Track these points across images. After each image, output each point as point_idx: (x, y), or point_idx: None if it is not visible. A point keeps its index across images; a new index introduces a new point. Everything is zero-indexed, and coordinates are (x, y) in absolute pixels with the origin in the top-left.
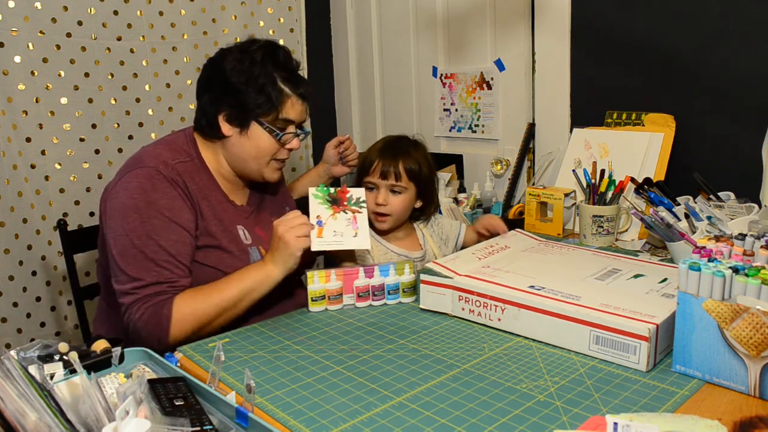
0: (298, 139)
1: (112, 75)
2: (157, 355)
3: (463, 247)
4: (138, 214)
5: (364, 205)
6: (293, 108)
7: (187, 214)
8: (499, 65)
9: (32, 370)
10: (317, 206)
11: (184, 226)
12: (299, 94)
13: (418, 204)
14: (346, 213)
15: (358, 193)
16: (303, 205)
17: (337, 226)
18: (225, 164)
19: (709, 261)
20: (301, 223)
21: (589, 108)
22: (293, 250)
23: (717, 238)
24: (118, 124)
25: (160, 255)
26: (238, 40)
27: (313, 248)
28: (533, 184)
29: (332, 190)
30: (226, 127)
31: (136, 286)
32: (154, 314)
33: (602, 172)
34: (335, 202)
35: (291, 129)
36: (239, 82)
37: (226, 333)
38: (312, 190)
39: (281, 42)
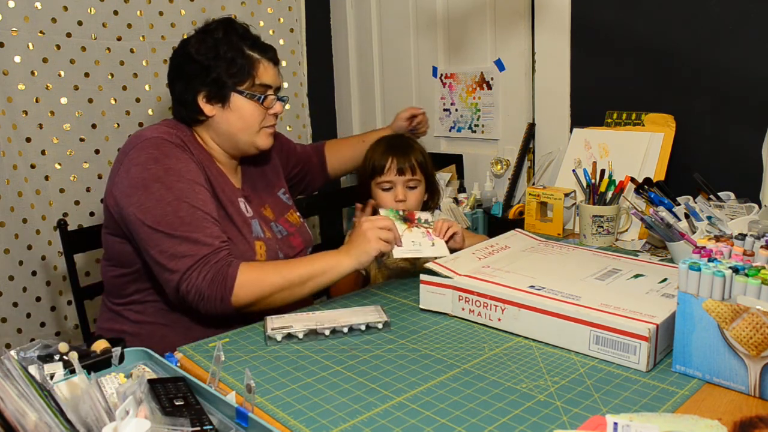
0: (281, 103)
1: (112, 75)
2: (157, 355)
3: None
4: (160, 183)
5: (432, 225)
6: (266, 72)
7: (202, 175)
8: (499, 65)
9: (32, 370)
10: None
11: (204, 186)
12: (269, 58)
13: (424, 197)
14: (419, 228)
15: (425, 216)
16: (314, 207)
17: (414, 237)
18: (215, 147)
19: (709, 261)
20: (387, 227)
21: (589, 108)
22: (371, 248)
23: (717, 238)
24: (118, 124)
25: (197, 215)
26: None
27: (395, 255)
28: (533, 184)
29: (401, 212)
30: (207, 108)
31: (189, 250)
32: (220, 272)
33: (602, 172)
34: (407, 221)
35: (271, 93)
36: (208, 59)
37: (226, 333)
38: (382, 212)
39: (281, 42)
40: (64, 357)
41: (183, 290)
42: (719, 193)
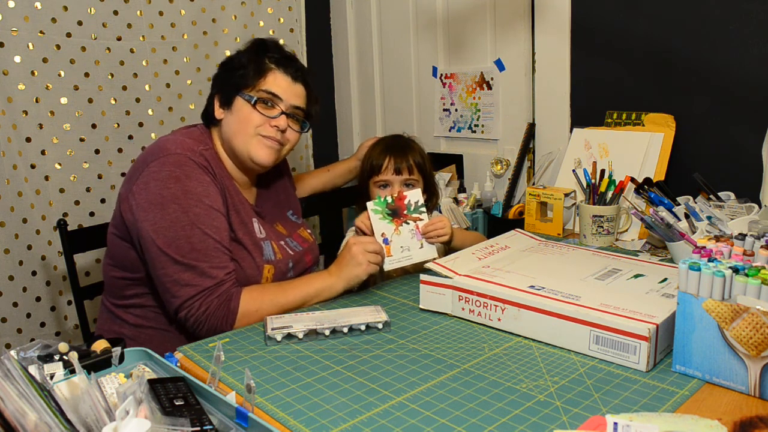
0: (285, 118)
1: (112, 75)
2: (157, 355)
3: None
4: (177, 205)
5: (424, 209)
6: (276, 82)
7: (221, 199)
8: (499, 65)
9: (32, 370)
10: (379, 223)
11: (221, 211)
12: (286, 72)
13: (424, 197)
14: (408, 224)
15: (415, 196)
16: (314, 207)
17: (403, 241)
18: (227, 158)
19: (709, 261)
20: (375, 250)
21: (589, 108)
22: (362, 273)
23: (717, 238)
24: (118, 124)
25: (208, 243)
26: (238, 40)
27: (386, 269)
28: (533, 184)
29: (390, 199)
30: (219, 111)
31: (193, 280)
32: (221, 307)
33: (602, 172)
34: (395, 214)
35: (279, 105)
36: (229, 66)
37: (226, 333)
38: (370, 205)
39: (281, 42)
40: (64, 357)
41: (182, 316)
42: (719, 193)
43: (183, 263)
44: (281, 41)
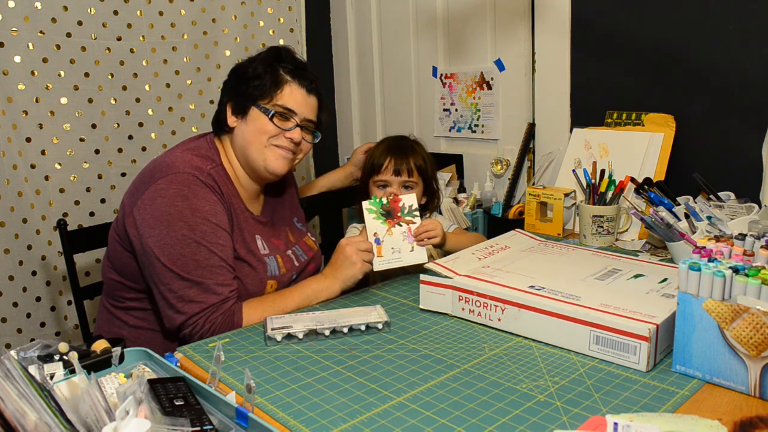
0: (299, 131)
1: (112, 75)
2: (157, 355)
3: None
4: (184, 222)
5: (417, 213)
6: (291, 95)
7: (227, 218)
8: (499, 65)
9: (32, 370)
10: (372, 222)
11: (227, 230)
12: (301, 84)
13: (423, 200)
14: (401, 226)
15: (409, 200)
16: (314, 207)
17: (394, 243)
18: (238, 166)
19: (709, 261)
20: (367, 249)
21: (589, 108)
22: (357, 272)
23: (717, 238)
24: (118, 124)
25: (213, 261)
26: (238, 40)
27: (375, 269)
28: (533, 184)
29: (385, 200)
30: (231, 119)
31: (198, 296)
32: (225, 323)
33: (602, 172)
34: (389, 215)
35: (294, 119)
36: (244, 74)
37: (226, 333)
38: (366, 204)
39: (281, 42)
40: (64, 357)
41: (185, 332)
42: (719, 193)
43: (189, 279)
44: (281, 41)
